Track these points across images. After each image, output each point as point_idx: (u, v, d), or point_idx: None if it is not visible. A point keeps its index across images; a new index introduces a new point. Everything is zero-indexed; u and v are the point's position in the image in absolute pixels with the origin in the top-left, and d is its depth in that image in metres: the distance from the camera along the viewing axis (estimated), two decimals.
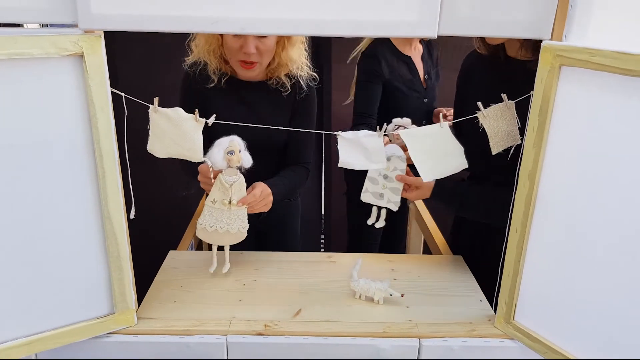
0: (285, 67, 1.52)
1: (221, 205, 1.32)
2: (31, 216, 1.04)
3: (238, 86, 1.54)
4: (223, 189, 1.31)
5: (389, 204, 1.45)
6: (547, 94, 1.01)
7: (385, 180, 1.44)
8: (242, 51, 1.41)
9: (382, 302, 1.31)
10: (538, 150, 1.05)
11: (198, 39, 1.50)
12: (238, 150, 1.28)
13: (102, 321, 1.16)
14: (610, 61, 0.90)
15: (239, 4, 0.98)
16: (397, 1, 0.99)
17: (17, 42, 0.91)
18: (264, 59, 1.46)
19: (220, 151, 1.28)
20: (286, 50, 1.49)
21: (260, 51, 1.42)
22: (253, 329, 1.20)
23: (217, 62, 1.50)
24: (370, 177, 1.46)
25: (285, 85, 1.53)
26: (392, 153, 1.43)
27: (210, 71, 1.50)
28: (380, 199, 1.46)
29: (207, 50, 1.48)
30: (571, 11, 0.99)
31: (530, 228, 1.12)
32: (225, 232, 1.35)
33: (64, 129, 1.01)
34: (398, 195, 1.44)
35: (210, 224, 1.34)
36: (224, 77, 1.52)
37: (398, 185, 1.43)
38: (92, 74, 0.98)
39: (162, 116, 1.12)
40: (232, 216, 1.34)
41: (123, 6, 0.97)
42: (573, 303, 1.08)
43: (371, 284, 1.31)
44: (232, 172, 1.31)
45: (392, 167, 1.43)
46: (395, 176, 1.42)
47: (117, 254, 1.12)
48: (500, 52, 1.36)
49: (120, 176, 1.09)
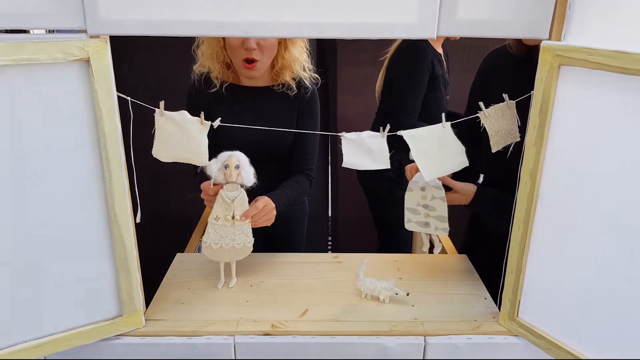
0: (289, 68, 1.53)
1: (224, 221, 1.32)
2: (39, 219, 1.05)
3: (243, 94, 1.55)
4: (225, 204, 1.31)
5: (438, 231, 1.43)
6: (547, 93, 1.02)
7: (426, 210, 1.42)
8: (243, 47, 1.42)
9: (387, 301, 1.32)
10: (539, 149, 1.06)
11: (203, 45, 1.52)
12: (234, 166, 1.28)
13: (111, 323, 1.18)
14: (608, 60, 0.91)
15: (242, 8, 1.00)
16: (396, 3, 1.00)
17: (24, 48, 0.93)
18: (265, 56, 1.47)
19: (217, 163, 1.29)
20: (288, 50, 1.50)
21: (261, 47, 1.44)
22: (260, 329, 1.21)
23: (220, 68, 1.51)
24: (409, 207, 1.44)
25: (291, 86, 1.55)
26: (425, 182, 1.40)
27: (213, 77, 1.52)
28: (426, 227, 1.44)
29: (211, 55, 1.49)
30: (569, 11, 1.00)
31: (532, 225, 1.13)
32: (231, 248, 1.34)
33: (71, 133, 1.03)
34: (445, 222, 1.41)
35: (215, 241, 1.33)
36: (225, 84, 1.54)
37: (442, 213, 1.40)
38: (98, 78, 1.00)
39: (168, 119, 1.14)
40: (237, 231, 1.34)
41: (130, 11, 0.99)
42: (576, 299, 1.09)
43: (377, 283, 1.32)
44: (232, 188, 1.31)
45: (429, 196, 1.40)
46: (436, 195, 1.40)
47: (125, 256, 1.14)
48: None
49: (127, 179, 1.11)
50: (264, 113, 1.55)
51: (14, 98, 0.97)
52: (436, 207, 1.40)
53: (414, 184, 1.42)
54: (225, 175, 1.29)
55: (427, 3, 1.01)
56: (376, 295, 1.33)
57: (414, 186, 1.43)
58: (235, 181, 1.30)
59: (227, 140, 1.33)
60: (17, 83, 0.96)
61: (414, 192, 1.43)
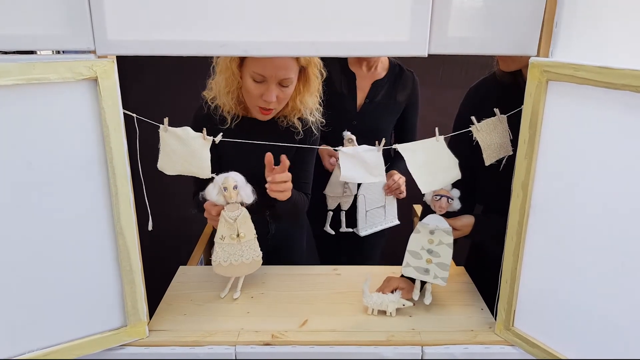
0: (298, 111, 1.51)
1: (230, 240, 1.35)
2: (47, 232, 1.09)
3: (249, 126, 1.52)
4: (228, 224, 1.34)
5: (437, 280, 1.34)
6: (536, 107, 1.06)
7: (430, 255, 1.35)
8: (262, 98, 1.40)
9: (395, 314, 1.33)
10: (530, 161, 1.10)
11: (218, 78, 1.47)
12: (232, 187, 1.30)
13: (115, 333, 1.21)
14: (593, 75, 0.95)
15: (242, 27, 1.04)
16: (389, 22, 1.05)
17: (35, 68, 0.98)
18: (281, 105, 1.46)
19: (215, 187, 1.31)
20: (302, 96, 1.48)
21: (279, 99, 1.42)
22: (261, 339, 1.24)
23: (233, 104, 1.48)
24: (411, 250, 1.37)
25: (296, 127, 1.53)
26: (435, 226, 1.35)
27: (225, 112, 1.49)
28: (425, 274, 1.35)
29: (227, 92, 1.46)
30: (556, 28, 1.04)
31: (525, 236, 1.15)
32: (241, 264, 1.38)
33: (79, 149, 1.07)
34: (446, 271, 1.33)
35: (224, 259, 1.36)
36: (236, 120, 1.51)
37: (446, 261, 1.33)
38: (105, 96, 1.04)
39: (172, 135, 1.18)
40: (244, 247, 1.37)
41: (136, 32, 1.03)
42: (570, 308, 1.12)
43: (383, 297, 1.34)
44: (233, 208, 1.33)
45: (437, 241, 1.34)
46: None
47: (130, 268, 1.17)
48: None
49: (133, 193, 1.14)
50: (267, 147, 1.44)
51: (25, 115, 1.01)
52: (441, 253, 1.34)
53: (422, 225, 1.36)
54: (225, 197, 1.31)
55: (418, 22, 1.04)
56: (384, 309, 1.33)
57: (422, 228, 1.36)
58: (235, 201, 1.33)
59: (232, 168, 1.34)
60: (28, 101, 1.00)
61: (422, 234, 1.36)
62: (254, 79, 1.37)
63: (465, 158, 1.30)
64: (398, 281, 1.40)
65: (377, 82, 1.96)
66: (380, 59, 1.95)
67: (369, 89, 1.96)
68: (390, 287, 1.39)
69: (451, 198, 1.32)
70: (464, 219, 1.38)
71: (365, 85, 1.96)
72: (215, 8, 1.02)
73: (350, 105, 1.96)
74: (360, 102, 1.96)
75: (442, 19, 1.06)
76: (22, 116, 1.01)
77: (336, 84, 1.94)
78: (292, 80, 1.41)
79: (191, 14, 1.02)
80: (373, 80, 1.96)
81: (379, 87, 1.96)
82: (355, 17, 1.04)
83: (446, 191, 1.32)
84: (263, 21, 1.04)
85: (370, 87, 1.96)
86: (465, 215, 1.39)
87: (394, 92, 1.97)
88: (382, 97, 1.97)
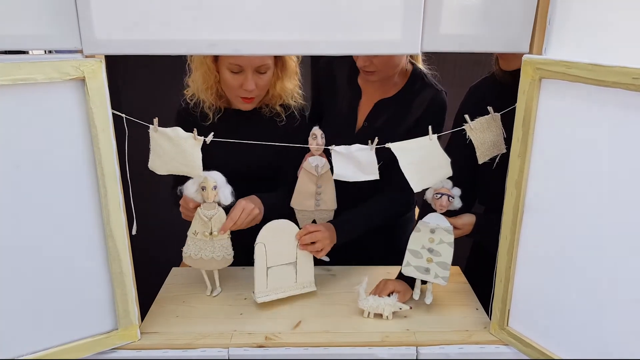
0: (279, 97, 1.53)
1: (203, 236, 1.35)
2: (36, 234, 1.07)
3: (232, 118, 1.53)
4: (202, 222, 1.33)
5: (437, 279, 1.33)
6: (529, 105, 1.05)
7: (430, 254, 1.33)
8: (242, 88, 1.42)
9: (391, 317, 1.32)
10: (523, 160, 1.09)
11: (194, 75, 1.48)
12: (212, 187, 1.30)
13: (107, 337, 1.19)
14: (585, 73, 0.94)
15: (232, 26, 1.03)
16: (381, 21, 1.04)
17: (21, 69, 0.96)
18: (262, 91, 1.48)
19: (194, 185, 1.30)
20: (281, 81, 1.50)
21: (259, 86, 1.44)
22: (254, 342, 1.23)
23: (213, 99, 1.50)
24: (411, 249, 1.35)
25: (280, 114, 1.54)
26: (436, 224, 1.33)
27: (206, 107, 1.50)
28: (426, 273, 1.34)
29: (205, 88, 1.47)
30: (549, 26, 1.03)
31: (519, 235, 1.15)
32: (211, 259, 1.37)
33: (67, 150, 1.06)
34: (447, 270, 1.32)
35: (194, 253, 1.36)
36: (218, 114, 1.52)
37: (447, 260, 1.32)
38: (93, 97, 1.03)
39: (162, 135, 1.17)
40: (216, 245, 1.36)
41: (124, 31, 1.02)
42: (563, 307, 1.11)
43: (379, 300, 1.32)
44: (210, 207, 1.32)
45: (437, 240, 1.32)
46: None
47: (120, 270, 1.16)
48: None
49: (122, 195, 1.13)
50: (252, 137, 1.41)
51: (12, 116, 0.99)
52: (442, 252, 1.32)
53: (423, 224, 1.34)
54: (203, 196, 1.31)
55: (410, 20, 1.04)
56: (380, 313, 1.32)
57: (422, 227, 1.34)
58: (213, 201, 1.32)
59: (217, 161, 1.32)
60: (14, 102, 0.99)
61: (422, 233, 1.34)
62: (231, 70, 1.40)
63: (466, 157, 1.29)
64: (394, 284, 1.39)
65: (381, 102, 1.57)
66: (396, 71, 1.54)
67: (370, 109, 1.59)
68: (387, 290, 1.37)
69: (452, 196, 1.31)
70: (465, 218, 1.36)
71: (368, 105, 1.60)
72: (204, 7, 1.01)
73: (349, 126, 1.61)
74: (359, 125, 1.60)
75: (434, 16, 1.05)
76: (9, 117, 0.99)
77: (339, 98, 1.64)
78: (269, 65, 1.43)
79: (180, 13, 1.01)
80: (377, 100, 1.59)
81: (382, 109, 1.58)
82: (347, 15, 1.03)
83: (447, 189, 1.30)
84: (253, 20, 1.03)
85: (372, 107, 1.59)
86: (466, 213, 1.38)
87: (401, 114, 1.56)
88: (384, 122, 1.57)
